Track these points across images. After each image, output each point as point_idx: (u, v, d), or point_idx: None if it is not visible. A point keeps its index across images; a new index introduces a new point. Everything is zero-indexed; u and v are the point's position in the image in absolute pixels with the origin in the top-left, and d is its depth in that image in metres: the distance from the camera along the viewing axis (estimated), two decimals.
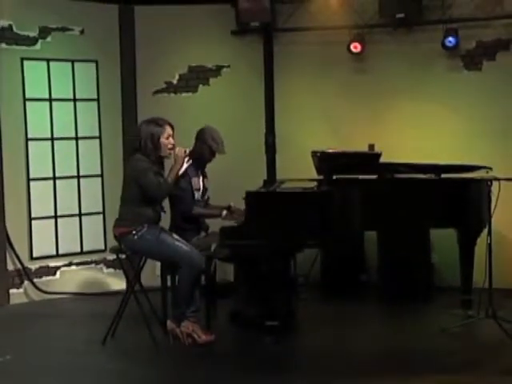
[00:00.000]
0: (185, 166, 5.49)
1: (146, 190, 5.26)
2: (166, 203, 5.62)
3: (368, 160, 5.87)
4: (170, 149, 5.33)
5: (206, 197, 5.93)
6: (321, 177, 5.86)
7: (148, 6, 7.25)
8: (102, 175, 7.18)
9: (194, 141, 5.86)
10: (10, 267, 6.72)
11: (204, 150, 5.80)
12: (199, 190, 5.81)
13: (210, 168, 6.00)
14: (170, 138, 5.37)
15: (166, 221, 5.67)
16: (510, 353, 5.03)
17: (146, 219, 5.32)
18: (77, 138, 7.10)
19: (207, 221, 5.89)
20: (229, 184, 6.60)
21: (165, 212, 5.54)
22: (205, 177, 5.91)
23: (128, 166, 5.45)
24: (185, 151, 5.37)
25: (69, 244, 7.05)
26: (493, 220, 5.40)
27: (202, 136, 5.82)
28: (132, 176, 5.32)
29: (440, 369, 4.73)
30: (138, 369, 4.95)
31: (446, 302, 6.16)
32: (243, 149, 7.10)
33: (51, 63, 6.94)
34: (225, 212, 5.71)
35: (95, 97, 7.18)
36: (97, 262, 7.19)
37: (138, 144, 5.34)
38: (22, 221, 6.79)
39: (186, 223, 5.69)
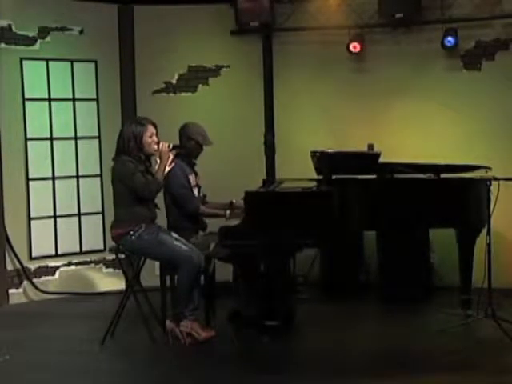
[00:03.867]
0: (171, 157, 5.44)
1: (136, 191, 5.27)
2: (161, 202, 5.62)
3: (367, 160, 5.87)
4: (153, 147, 5.34)
5: (201, 194, 5.94)
6: (320, 177, 5.86)
7: (147, 6, 7.25)
8: (101, 175, 7.17)
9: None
10: (10, 267, 6.71)
11: (191, 146, 5.80)
12: (196, 186, 5.83)
13: (209, 168, 6.00)
14: (154, 137, 5.37)
15: (163, 220, 5.67)
16: (510, 353, 5.03)
17: (142, 218, 5.32)
18: (76, 138, 7.10)
19: (206, 220, 5.89)
20: (228, 184, 6.59)
21: (159, 208, 5.53)
22: (196, 174, 5.92)
23: (114, 169, 5.41)
24: (168, 145, 5.37)
25: (68, 244, 7.05)
26: (492, 220, 5.40)
27: (186, 132, 5.82)
28: (120, 178, 5.32)
29: (440, 369, 4.73)
30: (137, 369, 4.94)
31: (446, 302, 6.16)
32: (242, 148, 7.10)
33: (50, 63, 6.94)
34: (229, 212, 5.70)
35: (94, 97, 7.18)
36: (96, 262, 7.19)
37: (122, 145, 5.34)
38: (21, 221, 6.79)
39: (187, 222, 5.68)
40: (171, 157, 5.37)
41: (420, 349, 5.13)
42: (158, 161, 5.36)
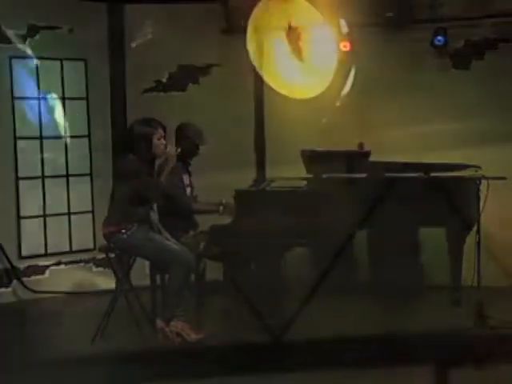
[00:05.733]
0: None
1: (139, 191, 5.25)
2: None
3: (357, 158, 5.89)
4: (162, 149, 5.33)
5: (194, 194, 5.94)
6: (310, 175, 5.87)
7: (137, 5, 7.23)
8: (91, 174, 7.16)
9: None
10: None
11: (189, 146, 5.80)
12: (188, 186, 5.83)
13: (200, 167, 6.00)
14: (162, 139, 5.36)
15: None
16: (501, 351, 5.04)
17: (136, 218, 5.31)
18: (66, 137, 7.08)
19: (197, 219, 5.89)
20: (218, 183, 6.58)
21: (154, 210, 5.53)
22: (190, 175, 5.92)
23: (119, 166, 5.43)
24: (176, 149, 5.36)
25: (58, 243, 7.03)
26: (481, 218, 5.42)
27: (183, 133, 5.82)
28: (123, 176, 5.31)
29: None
30: (127, 368, 4.93)
31: (436, 301, 6.17)
32: (233, 147, 7.09)
33: (40, 62, 6.91)
34: (222, 207, 5.71)
35: (84, 95, 7.16)
36: (86, 261, 7.17)
37: (130, 144, 5.33)
38: (10, 219, 6.76)
39: (178, 221, 5.67)
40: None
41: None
42: (157, 162, 5.35)
